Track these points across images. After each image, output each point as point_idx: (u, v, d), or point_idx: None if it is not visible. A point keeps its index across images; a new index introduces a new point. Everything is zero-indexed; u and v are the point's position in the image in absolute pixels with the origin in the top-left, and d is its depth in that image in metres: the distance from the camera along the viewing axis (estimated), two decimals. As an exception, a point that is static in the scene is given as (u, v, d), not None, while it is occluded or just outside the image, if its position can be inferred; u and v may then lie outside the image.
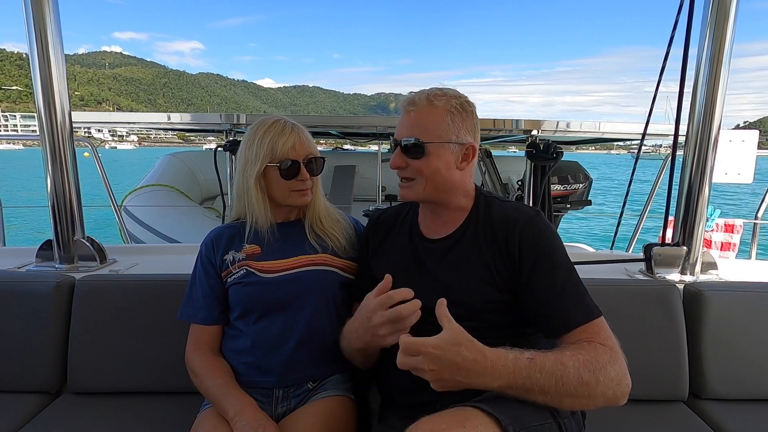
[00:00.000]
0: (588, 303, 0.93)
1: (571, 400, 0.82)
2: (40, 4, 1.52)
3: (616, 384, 0.83)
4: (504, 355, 0.80)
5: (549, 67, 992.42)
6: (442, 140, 0.99)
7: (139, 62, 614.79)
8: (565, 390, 0.80)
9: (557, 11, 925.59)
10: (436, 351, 0.76)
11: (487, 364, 0.78)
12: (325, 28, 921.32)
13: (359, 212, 2.63)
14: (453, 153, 1.00)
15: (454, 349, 0.77)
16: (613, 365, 0.84)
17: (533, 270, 0.95)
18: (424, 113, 0.99)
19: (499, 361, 0.79)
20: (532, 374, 0.79)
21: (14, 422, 1.26)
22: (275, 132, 1.13)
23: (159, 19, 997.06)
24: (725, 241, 3.79)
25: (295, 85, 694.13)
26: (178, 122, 4.46)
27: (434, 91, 1.01)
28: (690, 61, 1.67)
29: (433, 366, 0.77)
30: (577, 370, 0.81)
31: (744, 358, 1.39)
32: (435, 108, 0.98)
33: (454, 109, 0.99)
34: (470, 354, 0.78)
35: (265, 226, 1.17)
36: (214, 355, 1.18)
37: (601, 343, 0.87)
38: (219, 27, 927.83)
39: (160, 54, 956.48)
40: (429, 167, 1.00)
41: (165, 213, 5.30)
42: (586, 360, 0.83)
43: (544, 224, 0.99)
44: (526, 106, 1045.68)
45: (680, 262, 1.70)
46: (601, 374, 0.82)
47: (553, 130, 3.71)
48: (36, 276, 1.59)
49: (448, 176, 1.01)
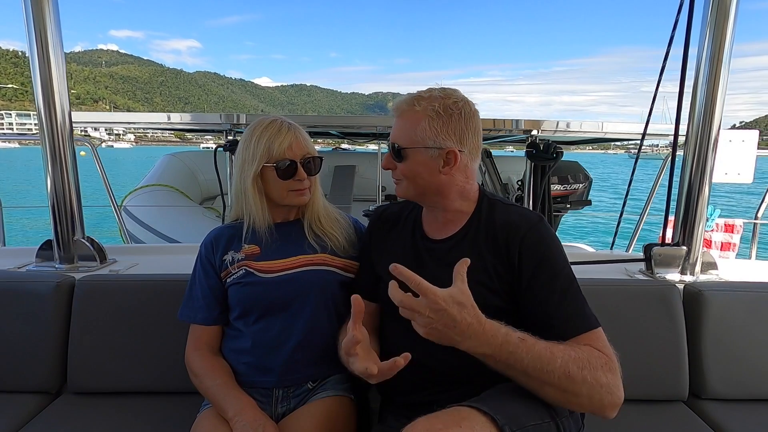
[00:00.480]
0: (587, 313, 0.93)
1: (554, 391, 0.82)
2: (40, 3, 1.53)
3: (606, 391, 0.82)
4: (497, 327, 0.82)
5: (546, 67, 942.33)
6: (417, 145, 0.98)
7: (136, 60, 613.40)
8: (548, 378, 0.81)
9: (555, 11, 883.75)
10: (440, 302, 0.77)
11: (479, 330, 0.80)
12: (322, 26, 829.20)
13: (359, 212, 2.63)
14: (432, 157, 0.98)
15: (457, 307, 0.78)
16: (605, 372, 0.83)
17: (533, 277, 0.94)
18: (405, 118, 1.00)
19: (491, 331, 0.81)
20: (518, 352, 0.81)
21: (14, 422, 1.26)
22: (272, 132, 1.12)
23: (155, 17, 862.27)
24: (725, 241, 3.79)
25: (292, 83, 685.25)
26: (178, 122, 4.46)
27: (420, 95, 1.00)
28: (690, 61, 1.67)
29: (432, 315, 0.77)
30: (566, 363, 0.81)
31: (744, 358, 1.39)
32: (414, 112, 0.98)
33: (433, 113, 0.96)
34: (469, 317, 0.79)
35: (263, 226, 1.16)
36: (214, 356, 1.18)
37: (599, 350, 0.87)
38: (216, 25, 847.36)
39: (157, 52, 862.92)
40: (409, 170, 1.01)
41: (165, 213, 5.29)
42: (578, 357, 0.83)
43: (546, 231, 0.98)
44: (524, 105, 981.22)
45: (680, 262, 1.70)
46: (589, 374, 0.82)
47: (553, 130, 3.71)
48: (36, 276, 1.59)
49: (431, 180, 1.00)
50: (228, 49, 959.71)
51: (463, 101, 1.00)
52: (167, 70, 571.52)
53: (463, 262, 0.82)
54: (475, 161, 1.04)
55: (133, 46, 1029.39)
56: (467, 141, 0.99)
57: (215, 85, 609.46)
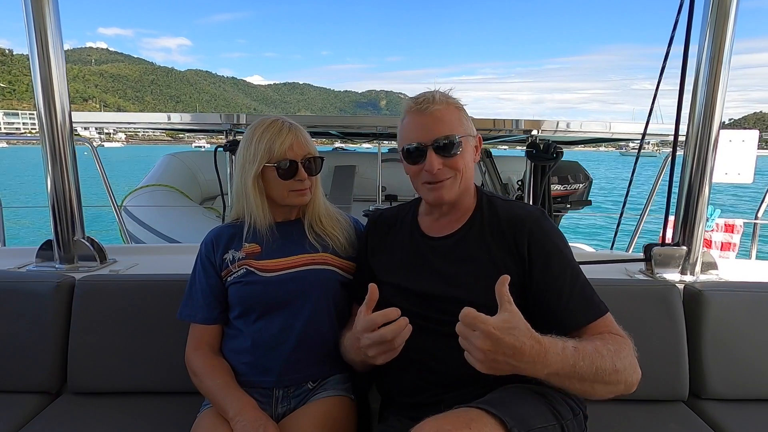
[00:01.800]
0: (596, 300, 0.96)
1: (603, 388, 0.84)
2: (40, 4, 1.52)
3: (634, 371, 0.87)
4: (555, 342, 0.80)
5: (538, 65, 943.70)
6: (468, 134, 1.04)
7: (126, 58, 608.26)
8: (601, 377, 0.82)
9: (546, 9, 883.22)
10: (496, 332, 0.73)
11: (542, 351, 0.77)
12: (314, 24, 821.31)
13: (359, 212, 2.63)
14: (473, 146, 1.06)
15: (513, 332, 0.75)
16: (630, 355, 0.89)
17: (544, 270, 0.96)
18: (445, 112, 1.01)
19: (552, 349, 0.78)
20: (577, 362, 0.81)
21: (14, 422, 1.26)
22: (273, 132, 1.12)
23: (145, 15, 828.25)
24: (725, 241, 3.79)
25: (285, 82, 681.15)
26: (178, 122, 4.46)
27: (435, 94, 1.03)
28: (690, 60, 1.67)
29: (488, 346, 0.73)
30: (612, 359, 0.84)
31: (744, 358, 1.38)
32: (450, 106, 1.03)
33: (460, 105, 1.05)
34: (528, 339, 0.76)
35: (264, 226, 1.17)
36: (214, 355, 1.18)
37: (617, 334, 0.92)
38: (207, 23, 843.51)
39: (147, 50, 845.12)
40: (464, 162, 1.02)
41: (165, 213, 5.30)
42: (616, 349, 0.86)
43: (550, 224, 1.01)
44: (516, 103, 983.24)
45: (680, 262, 1.70)
46: (627, 361, 0.86)
47: (553, 130, 3.71)
48: (36, 276, 1.59)
49: (471, 170, 1.06)
50: (219, 47, 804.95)
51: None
52: (158, 68, 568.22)
53: (503, 281, 0.78)
54: None
55: (123, 44, 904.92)
56: None
57: (207, 83, 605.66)
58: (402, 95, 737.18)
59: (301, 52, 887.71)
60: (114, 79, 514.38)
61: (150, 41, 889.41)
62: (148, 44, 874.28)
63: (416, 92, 1.09)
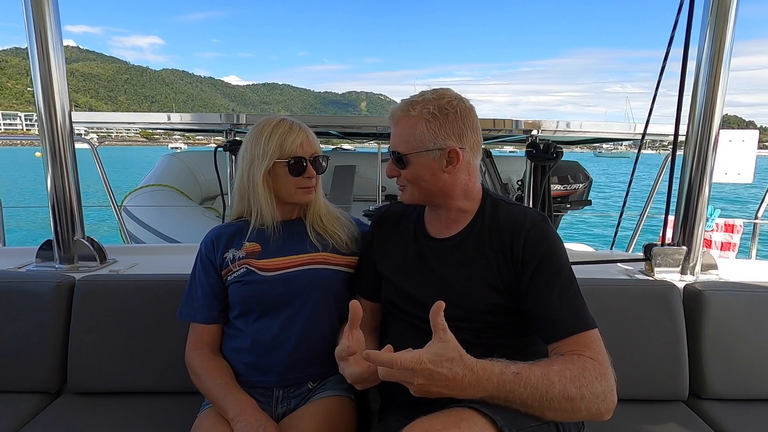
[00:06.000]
0: (584, 314, 0.93)
1: (553, 414, 0.82)
2: (40, 4, 1.53)
3: (601, 400, 0.83)
4: (490, 369, 0.79)
5: (514, 68, 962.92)
6: (418, 149, 0.99)
7: (98, 57, 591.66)
8: (549, 405, 0.80)
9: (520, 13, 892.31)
10: (430, 366, 0.75)
11: (473, 379, 0.77)
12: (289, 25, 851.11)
13: (359, 212, 2.63)
14: (435, 159, 0.99)
15: (446, 364, 0.76)
16: (600, 381, 0.83)
17: (535, 275, 0.95)
18: (402, 125, 1.01)
19: (485, 375, 0.78)
20: (516, 389, 0.79)
21: (14, 422, 1.26)
22: (284, 129, 1.14)
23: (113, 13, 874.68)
24: (725, 241, 3.79)
25: (264, 82, 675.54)
26: (178, 122, 4.46)
27: (413, 99, 1.01)
28: (690, 61, 1.67)
29: (422, 381, 0.75)
30: (564, 386, 0.80)
31: (744, 358, 1.38)
32: (410, 118, 0.99)
33: (429, 115, 0.97)
34: (461, 369, 0.76)
35: (271, 223, 1.17)
36: (215, 355, 1.18)
37: (591, 357, 0.87)
38: (179, 22, 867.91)
39: (117, 49, 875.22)
40: (412, 175, 1.02)
41: (165, 213, 5.29)
42: (574, 376, 0.82)
43: (549, 230, 0.99)
44: (493, 105, 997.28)
45: (680, 262, 1.70)
46: (587, 390, 0.81)
47: (553, 130, 3.71)
48: (36, 276, 1.59)
49: (435, 182, 1.01)
50: (193, 46, 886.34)
51: (457, 99, 1.01)
52: (132, 67, 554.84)
53: (437, 310, 0.78)
54: (476, 158, 1.05)
55: (92, 42, 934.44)
56: (467, 138, 1.00)
57: (183, 83, 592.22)
58: (382, 96, 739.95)
59: (277, 53, 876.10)
60: (85, 78, 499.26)
61: (120, 39, 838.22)
62: (118, 42, 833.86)
63: (396, 93, 1.08)
